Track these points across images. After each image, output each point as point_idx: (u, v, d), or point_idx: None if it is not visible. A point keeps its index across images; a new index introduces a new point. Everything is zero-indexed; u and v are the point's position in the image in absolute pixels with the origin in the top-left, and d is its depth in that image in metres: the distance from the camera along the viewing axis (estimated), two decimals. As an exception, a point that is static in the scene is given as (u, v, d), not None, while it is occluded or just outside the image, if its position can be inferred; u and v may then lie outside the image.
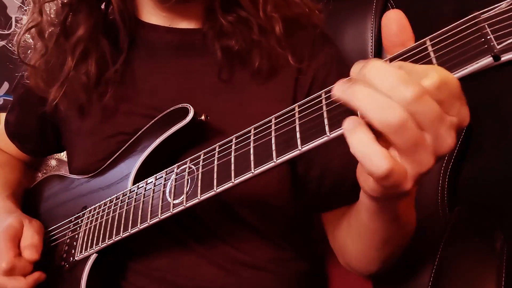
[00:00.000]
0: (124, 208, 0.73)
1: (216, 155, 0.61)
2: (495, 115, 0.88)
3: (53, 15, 0.85)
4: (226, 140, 0.61)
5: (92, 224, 0.78)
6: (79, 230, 0.81)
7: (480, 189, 0.90)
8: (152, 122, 0.78)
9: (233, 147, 0.59)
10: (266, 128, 0.56)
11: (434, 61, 0.42)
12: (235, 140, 0.59)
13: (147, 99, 0.82)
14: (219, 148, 0.62)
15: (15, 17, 1.87)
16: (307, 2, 0.86)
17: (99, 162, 0.83)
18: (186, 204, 0.63)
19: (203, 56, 0.82)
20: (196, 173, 0.64)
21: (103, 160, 0.83)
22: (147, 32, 0.85)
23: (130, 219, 0.71)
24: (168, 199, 0.66)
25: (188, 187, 0.64)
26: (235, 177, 0.57)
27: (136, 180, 0.75)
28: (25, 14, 1.80)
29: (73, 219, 0.84)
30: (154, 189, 0.70)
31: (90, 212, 0.80)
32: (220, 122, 0.76)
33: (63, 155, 1.82)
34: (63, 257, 0.82)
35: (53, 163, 1.67)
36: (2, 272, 0.76)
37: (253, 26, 0.79)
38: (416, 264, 0.84)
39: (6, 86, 1.90)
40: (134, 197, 0.72)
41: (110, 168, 0.82)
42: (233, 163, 0.58)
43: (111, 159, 0.82)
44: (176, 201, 0.65)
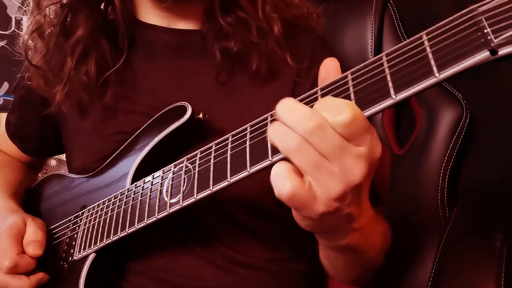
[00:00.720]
0: (122, 208, 0.73)
1: (213, 154, 0.61)
2: (495, 115, 0.88)
3: (52, 15, 0.85)
4: (223, 138, 0.61)
5: (91, 223, 0.78)
6: (78, 229, 0.81)
7: (480, 189, 0.89)
8: (151, 120, 0.78)
9: (229, 146, 0.59)
10: (262, 126, 0.55)
11: (430, 56, 0.42)
12: (231, 138, 0.59)
13: (146, 99, 0.82)
14: (215, 146, 0.61)
15: (15, 17, 1.88)
16: (307, 5, 0.86)
17: (98, 161, 0.83)
18: (182, 203, 0.63)
19: (202, 57, 0.82)
20: (192, 172, 0.63)
21: (102, 159, 0.83)
22: (146, 32, 0.85)
23: (128, 218, 0.71)
24: (165, 198, 0.66)
25: (184, 186, 0.64)
26: (231, 176, 0.57)
27: (135, 179, 0.75)
28: (25, 15, 1.81)
29: (72, 219, 0.84)
30: (151, 188, 0.70)
31: (89, 211, 0.80)
32: (218, 123, 0.76)
33: (63, 155, 1.83)
34: (62, 256, 0.82)
35: (53, 163, 1.68)
36: (6, 270, 0.76)
37: (252, 27, 0.79)
38: (416, 264, 0.84)
39: (6, 86, 1.91)
40: (132, 196, 0.72)
41: (109, 167, 0.82)
42: (229, 162, 0.58)
43: (110, 158, 0.82)
44: (173, 200, 0.65)
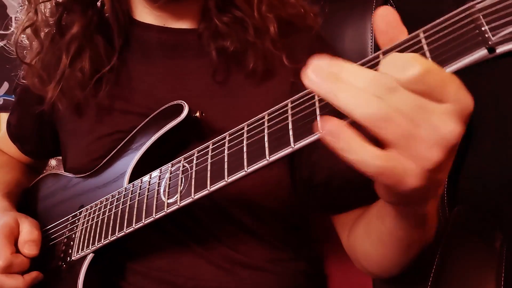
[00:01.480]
0: (120, 208, 0.72)
1: (210, 153, 0.60)
2: (496, 114, 0.88)
3: (48, 14, 0.85)
4: (219, 137, 0.60)
5: (88, 223, 0.78)
6: (76, 229, 0.80)
7: (480, 189, 0.89)
8: (147, 120, 0.78)
9: (226, 145, 0.58)
10: (259, 125, 0.54)
11: (427, 54, 0.41)
12: (229, 137, 0.59)
13: (141, 99, 0.82)
14: (212, 145, 0.61)
15: (15, 17, 1.88)
16: (303, 4, 0.85)
17: (94, 161, 0.83)
18: (180, 203, 0.63)
19: (198, 57, 0.82)
20: (189, 171, 0.63)
21: (98, 159, 0.82)
22: (141, 32, 0.85)
23: (126, 218, 0.70)
24: (163, 198, 0.66)
25: (182, 186, 0.63)
26: (229, 175, 0.56)
27: (132, 178, 0.75)
28: (21, 13, 1.81)
29: (70, 218, 0.84)
30: (148, 188, 0.69)
31: (86, 211, 0.80)
32: (215, 123, 0.76)
33: (62, 155, 1.83)
34: (60, 257, 0.81)
35: (53, 163, 1.67)
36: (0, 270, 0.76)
37: (248, 26, 0.79)
38: (416, 264, 0.84)
39: (6, 86, 1.91)
40: (130, 196, 0.72)
41: (106, 167, 0.81)
42: (226, 161, 0.57)
43: (107, 157, 0.81)
44: (170, 200, 0.64)
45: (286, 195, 0.79)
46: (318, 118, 0.46)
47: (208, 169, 0.59)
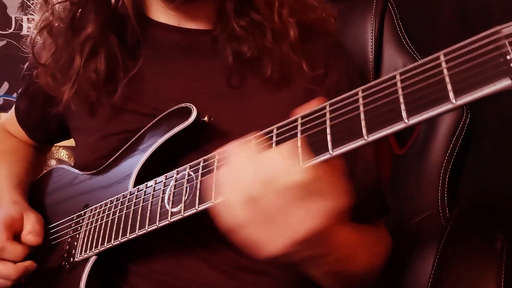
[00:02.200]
0: (124, 212, 0.72)
1: (216, 164, 0.60)
2: (496, 115, 0.88)
3: (61, 11, 0.84)
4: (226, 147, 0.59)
5: (92, 225, 0.78)
6: (80, 230, 0.80)
7: (480, 189, 0.89)
8: (154, 121, 0.78)
9: None
10: (267, 133, 0.55)
11: (447, 79, 0.39)
12: None
13: (150, 99, 0.81)
14: (218, 156, 0.60)
15: (15, 17, 1.87)
16: (325, 7, 0.84)
17: (99, 160, 0.83)
18: (184, 214, 0.62)
19: (212, 59, 0.81)
20: (195, 181, 0.62)
21: (104, 158, 0.82)
22: (155, 31, 0.84)
23: (129, 223, 0.70)
24: (167, 206, 0.65)
25: (186, 196, 0.63)
26: None
27: (137, 181, 0.75)
28: (27, 14, 1.81)
29: (74, 218, 0.84)
30: (153, 194, 0.69)
31: (91, 212, 0.80)
32: (225, 127, 0.75)
33: (63, 154, 1.83)
34: (64, 256, 0.82)
35: (53, 163, 1.68)
36: None
37: (266, 31, 0.77)
38: (416, 264, 0.84)
39: (6, 86, 1.90)
40: (134, 200, 0.72)
41: (112, 167, 0.81)
42: None
43: (113, 157, 0.81)
44: (174, 209, 0.64)
45: None
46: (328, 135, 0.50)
47: (214, 180, 0.58)
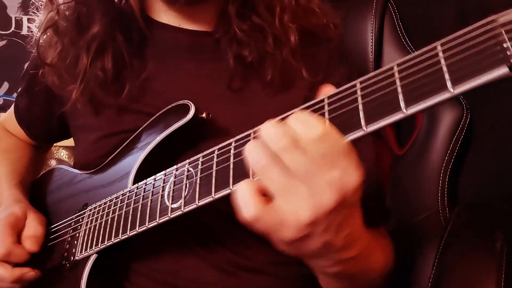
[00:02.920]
0: (123, 210, 0.73)
1: (215, 159, 0.60)
2: (496, 115, 0.88)
3: (67, 10, 0.84)
4: (225, 143, 0.60)
5: (92, 224, 0.78)
6: (80, 229, 0.80)
7: (480, 189, 0.89)
8: (152, 119, 0.78)
9: (232, 152, 0.58)
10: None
11: (444, 69, 0.40)
12: (235, 143, 0.58)
13: (152, 99, 0.81)
14: (218, 151, 0.60)
15: (15, 17, 1.87)
16: (327, 13, 0.84)
17: (100, 159, 0.83)
18: (184, 209, 0.62)
19: (214, 61, 0.81)
20: (194, 177, 0.62)
21: (104, 157, 0.82)
22: (158, 31, 0.84)
23: (129, 221, 0.71)
24: (167, 202, 0.65)
25: (186, 192, 0.63)
26: (234, 183, 0.56)
27: (137, 178, 0.75)
28: (27, 14, 1.81)
29: (74, 217, 0.84)
30: (153, 191, 0.69)
31: (90, 211, 0.80)
32: (224, 128, 0.75)
33: (63, 155, 1.83)
34: (64, 255, 0.82)
35: (53, 163, 1.68)
36: None
37: (267, 36, 0.78)
38: (416, 264, 0.84)
39: (6, 86, 1.91)
40: (133, 198, 0.72)
41: (111, 165, 0.81)
42: (231, 168, 0.57)
43: (112, 155, 0.82)
44: (174, 205, 0.64)
45: None
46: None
47: (213, 175, 0.59)
